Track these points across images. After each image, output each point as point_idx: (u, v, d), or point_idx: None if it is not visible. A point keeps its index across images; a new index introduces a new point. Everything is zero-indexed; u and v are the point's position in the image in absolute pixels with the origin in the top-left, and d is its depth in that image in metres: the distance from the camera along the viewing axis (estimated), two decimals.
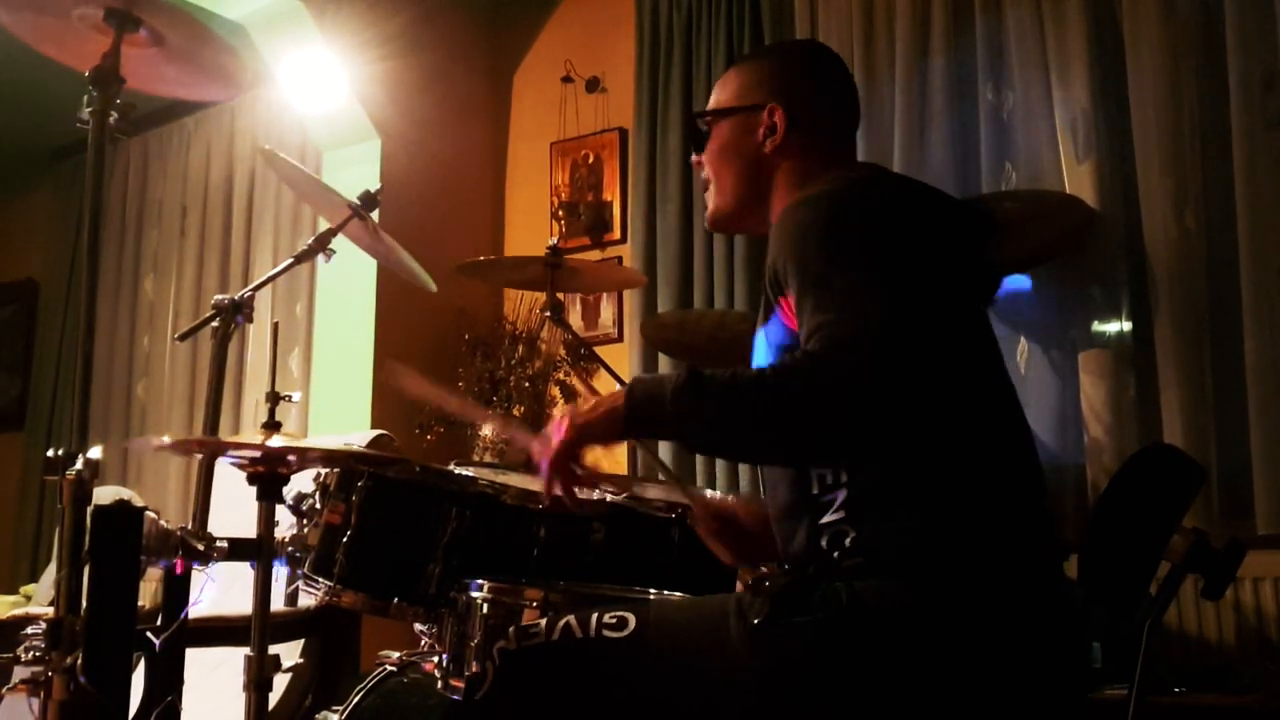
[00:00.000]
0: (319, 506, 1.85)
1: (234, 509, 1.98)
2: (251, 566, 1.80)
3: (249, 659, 1.76)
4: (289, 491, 1.83)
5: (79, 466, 1.55)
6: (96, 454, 1.57)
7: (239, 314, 2.00)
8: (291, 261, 2.15)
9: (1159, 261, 3.01)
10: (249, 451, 1.77)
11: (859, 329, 1.25)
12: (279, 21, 4.03)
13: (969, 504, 1.34)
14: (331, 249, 2.17)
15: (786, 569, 1.45)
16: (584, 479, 1.45)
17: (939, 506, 1.32)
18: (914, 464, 1.33)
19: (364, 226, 2.21)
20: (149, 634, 1.83)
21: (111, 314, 5.35)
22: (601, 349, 3.68)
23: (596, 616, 1.37)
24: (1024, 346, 3.19)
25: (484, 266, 3.10)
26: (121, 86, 1.69)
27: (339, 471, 1.86)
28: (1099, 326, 3.12)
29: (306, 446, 1.81)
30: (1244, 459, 2.84)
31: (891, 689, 1.27)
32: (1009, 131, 3.32)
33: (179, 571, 1.81)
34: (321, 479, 1.88)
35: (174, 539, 1.72)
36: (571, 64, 4.35)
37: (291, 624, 2.62)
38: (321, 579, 1.81)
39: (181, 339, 2.14)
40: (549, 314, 2.60)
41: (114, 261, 5.39)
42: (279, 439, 1.75)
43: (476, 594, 1.61)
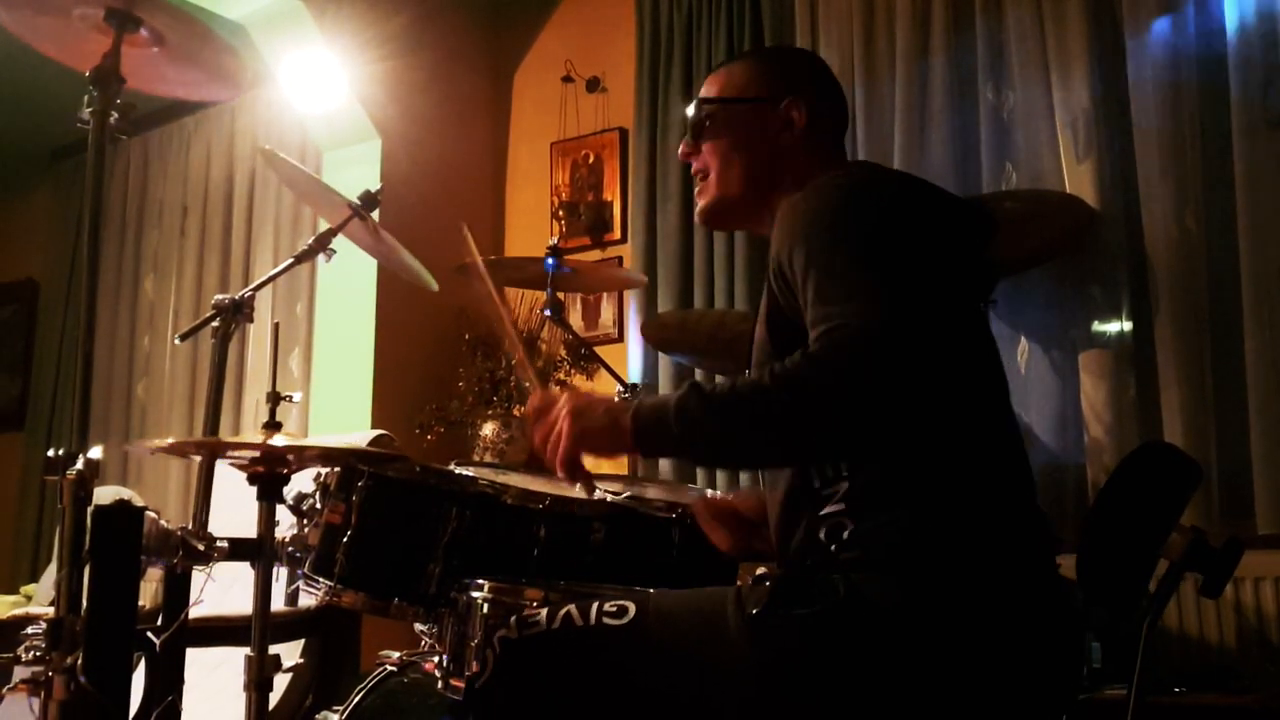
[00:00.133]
0: (319, 506, 1.85)
1: (234, 509, 1.98)
2: (252, 566, 1.80)
3: (249, 659, 1.76)
4: (289, 491, 1.84)
5: (79, 466, 1.55)
6: (97, 454, 1.57)
7: (239, 314, 2.00)
8: (292, 261, 2.15)
9: (1159, 261, 3.01)
10: (248, 451, 1.77)
11: (859, 330, 1.25)
12: (279, 21, 4.03)
13: (966, 499, 1.35)
14: (332, 249, 2.17)
15: (785, 563, 1.45)
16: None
17: (936, 502, 1.33)
18: (913, 459, 1.34)
19: (364, 226, 2.21)
20: (149, 634, 1.84)
21: (112, 314, 5.36)
22: (602, 349, 3.68)
23: (597, 605, 1.37)
24: (1024, 346, 3.20)
25: (484, 266, 3.10)
26: (122, 86, 1.69)
27: (339, 471, 1.86)
28: (1099, 326, 3.12)
29: (306, 445, 1.81)
30: (1244, 459, 2.85)
31: (887, 682, 1.28)
32: (1009, 131, 3.32)
33: (179, 571, 1.81)
34: (322, 479, 1.88)
35: (174, 539, 1.72)
36: (572, 64, 4.35)
37: (292, 624, 2.62)
38: (322, 579, 1.80)
39: (182, 339, 2.14)
40: (549, 314, 2.60)
41: (114, 261, 5.39)
42: (279, 439, 1.75)
43: (477, 594, 1.61)
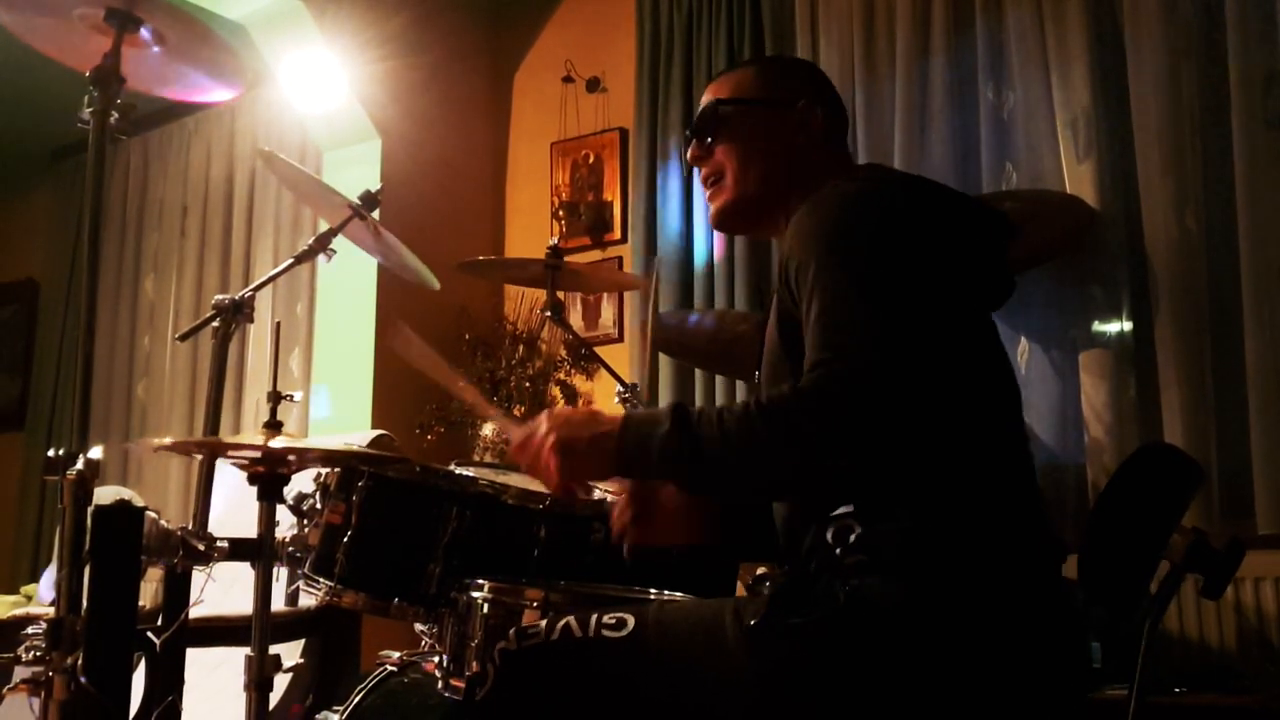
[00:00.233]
0: (319, 506, 1.85)
1: (234, 509, 1.98)
2: (252, 566, 1.80)
3: (249, 659, 1.76)
4: (289, 491, 1.83)
5: (79, 466, 1.55)
6: (97, 454, 1.57)
7: (239, 314, 2.00)
8: (292, 261, 2.15)
9: (1160, 261, 3.01)
10: (249, 452, 1.77)
11: (851, 372, 1.24)
12: (279, 21, 4.03)
13: (972, 507, 1.34)
14: (332, 249, 2.17)
15: (788, 567, 1.45)
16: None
17: (943, 507, 1.32)
18: (925, 465, 1.33)
19: (364, 226, 2.21)
20: (149, 634, 1.83)
21: (112, 314, 5.36)
22: (602, 349, 3.68)
23: (596, 617, 1.37)
24: (1024, 346, 3.19)
25: (485, 266, 3.10)
26: (122, 86, 1.69)
27: (339, 471, 1.86)
28: (1100, 326, 3.12)
29: (306, 447, 1.81)
30: (1244, 459, 2.84)
31: (889, 688, 1.27)
32: (1009, 131, 3.32)
33: (179, 571, 1.81)
34: (322, 479, 1.88)
35: (174, 539, 1.72)
36: (572, 64, 4.35)
37: (292, 624, 2.62)
38: (322, 579, 1.81)
39: (182, 339, 2.14)
40: (549, 314, 2.60)
41: (114, 261, 5.39)
42: (280, 439, 1.75)
43: (477, 594, 1.61)
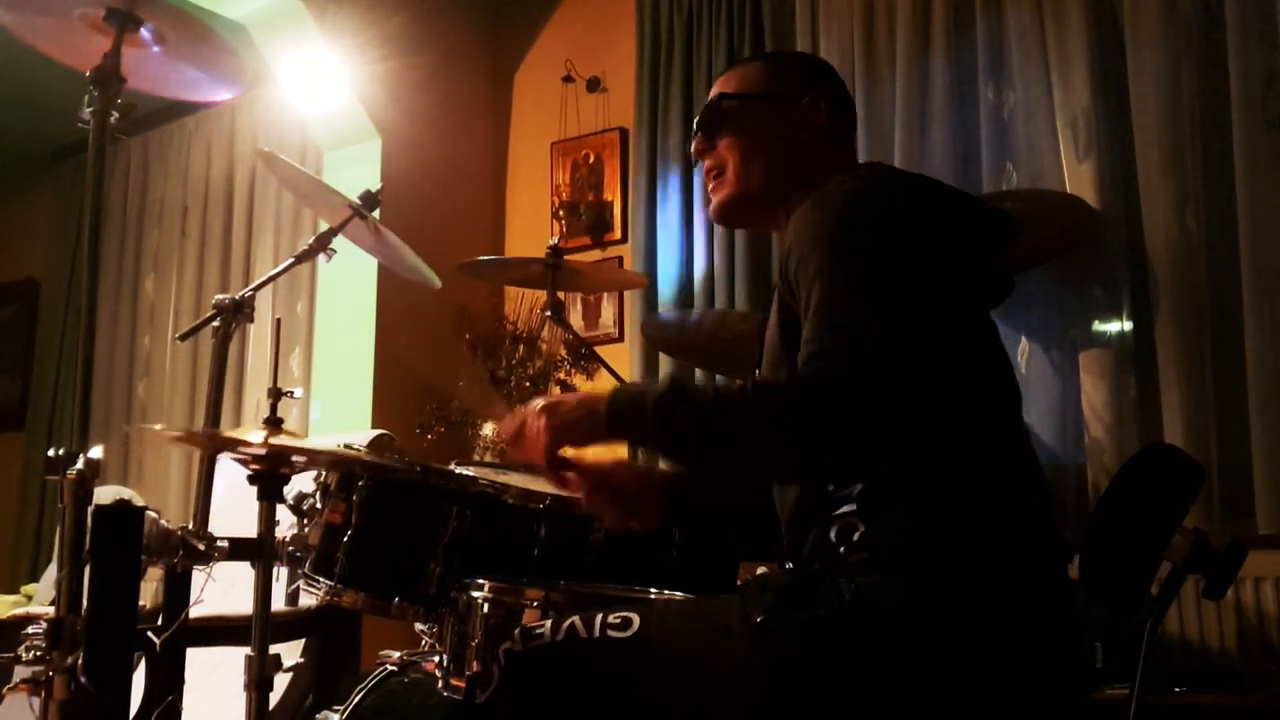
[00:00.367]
0: (319, 506, 1.85)
1: (235, 509, 1.98)
2: (252, 566, 1.80)
3: (249, 658, 1.76)
4: (289, 491, 1.83)
5: (80, 466, 1.55)
6: (97, 454, 1.57)
7: (240, 314, 2.00)
8: (292, 261, 2.15)
9: (1160, 261, 3.01)
10: (251, 449, 1.77)
11: (848, 363, 1.24)
12: (279, 21, 4.03)
13: (976, 504, 1.34)
14: (332, 249, 2.17)
15: (791, 566, 1.45)
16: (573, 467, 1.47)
17: (947, 506, 1.32)
18: (927, 464, 1.33)
19: (365, 226, 2.21)
20: (150, 634, 1.83)
21: (112, 314, 5.36)
22: (602, 349, 3.68)
23: (601, 617, 1.37)
24: (1025, 346, 3.19)
25: (484, 266, 3.10)
26: (122, 86, 1.69)
27: (339, 471, 1.86)
28: (1100, 326, 3.12)
29: (309, 448, 1.81)
30: (1245, 459, 2.84)
31: (893, 686, 1.27)
32: (1009, 131, 3.32)
33: (179, 571, 1.81)
34: (322, 478, 1.88)
35: (174, 539, 1.72)
36: (572, 64, 4.35)
37: (292, 624, 2.62)
38: (322, 578, 1.80)
39: (182, 339, 2.14)
40: (549, 314, 2.60)
41: (115, 261, 5.40)
42: (281, 438, 1.75)
43: (477, 594, 1.61)
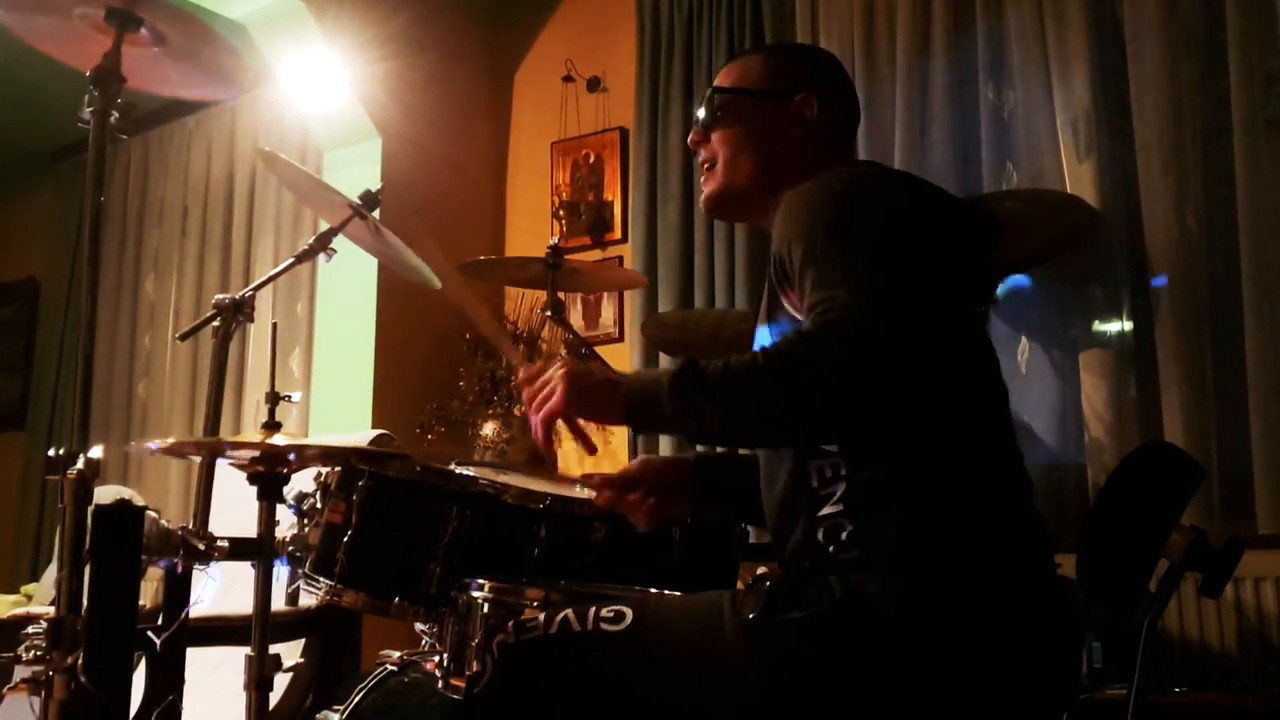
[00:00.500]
0: (320, 506, 1.85)
1: (235, 508, 1.98)
2: (252, 566, 1.80)
3: (249, 658, 1.76)
4: (290, 491, 1.83)
5: (80, 466, 1.55)
6: (97, 454, 1.57)
7: (240, 314, 2.00)
8: (292, 261, 2.15)
9: (1160, 261, 3.01)
10: (248, 451, 1.77)
11: (855, 311, 1.24)
12: (280, 21, 4.04)
13: (964, 501, 1.34)
14: (332, 248, 2.17)
15: (781, 565, 1.45)
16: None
17: (934, 503, 1.33)
18: (911, 459, 1.34)
19: (365, 226, 2.21)
20: (150, 633, 1.84)
21: (112, 313, 5.36)
22: (602, 348, 3.68)
23: (594, 610, 1.37)
24: (1025, 346, 3.20)
25: (485, 266, 3.10)
26: (122, 86, 1.69)
27: (340, 471, 1.86)
28: (1100, 326, 3.12)
29: (305, 444, 1.81)
30: (1245, 458, 2.85)
31: (885, 684, 1.28)
32: (1010, 131, 3.32)
33: (179, 571, 1.81)
34: (322, 478, 1.88)
35: (175, 538, 1.72)
36: (572, 63, 4.35)
37: (292, 623, 2.62)
38: (322, 578, 1.80)
39: (182, 339, 2.14)
40: (550, 313, 2.60)
41: (115, 261, 5.40)
42: (279, 438, 1.75)
43: (477, 593, 1.61)
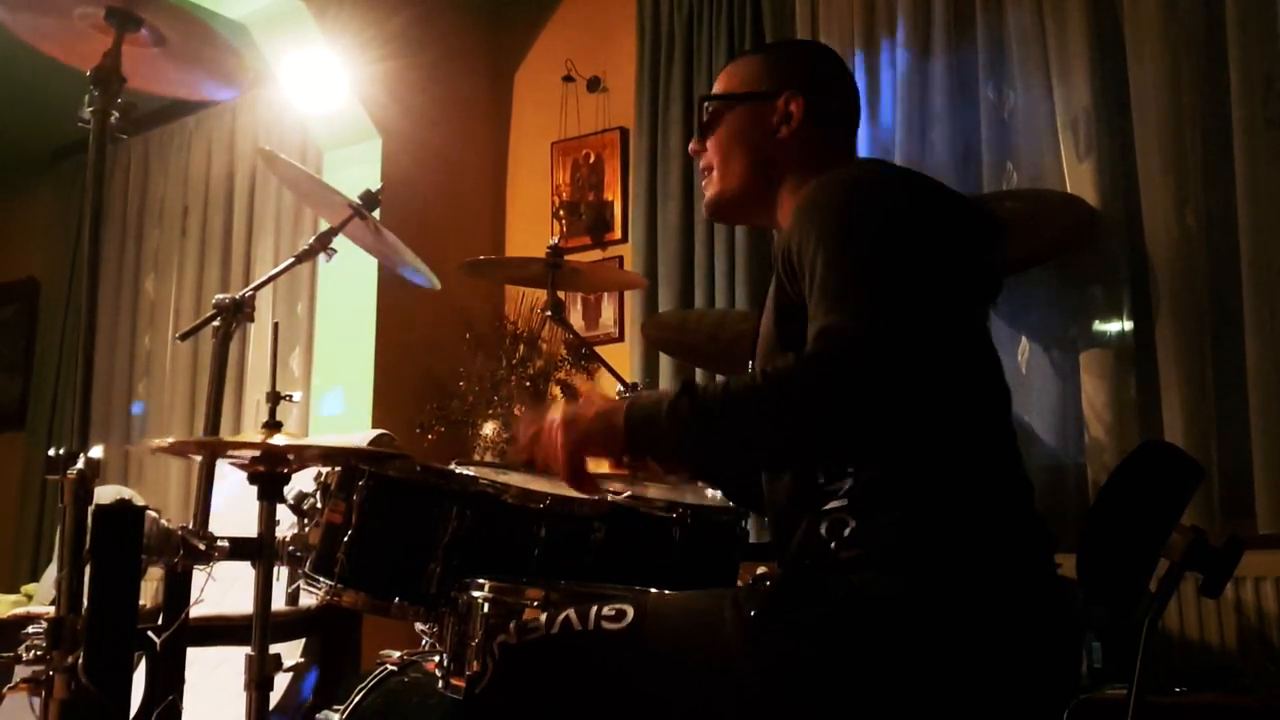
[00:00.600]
0: (320, 506, 1.85)
1: (235, 508, 1.98)
2: (252, 566, 1.80)
3: (250, 658, 1.76)
4: (290, 491, 1.83)
5: (80, 466, 1.55)
6: (97, 453, 1.57)
7: (240, 314, 2.00)
8: (292, 261, 2.15)
9: (1160, 260, 3.01)
10: (248, 451, 1.77)
11: (855, 336, 1.24)
12: (280, 21, 4.04)
13: (966, 500, 1.35)
14: (332, 248, 2.17)
15: (783, 562, 1.45)
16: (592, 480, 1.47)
17: (937, 501, 1.33)
18: (916, 459, 1.34)
19: (365, 226, 2.21)
20: (150, 633, 1.84)
21: (112, 313, 5.36)
22: (602, 348, 3.68)
23: (595, 609, 1.37)
24: (1025, 346, 3.20)
25: (485, 266, 3.10)
26: (122, 86, 1.69)
27: (340, 470, 1.86)
28: (1100, 326, 3.12)
29: (306, 445, 1.81)
30: (1245, 458, 2.85)
31: (886, 683, 1.28)
32: (1010, 130, 3.32)
33: (179, 571, 1.81)
34: (322, 478, 1.88)
35: (175, 538, 1.72)
36: (572, 63, 4.35)
37: (292, 623, 2.62)
38: (322, 578, 1.80)
39: (182, 338, 2.14)
40: (550, 313, 2.60)
41: (115, 261, 5.40)
42: (279, 438, 1.75)
43: (477, 593, 1.61)
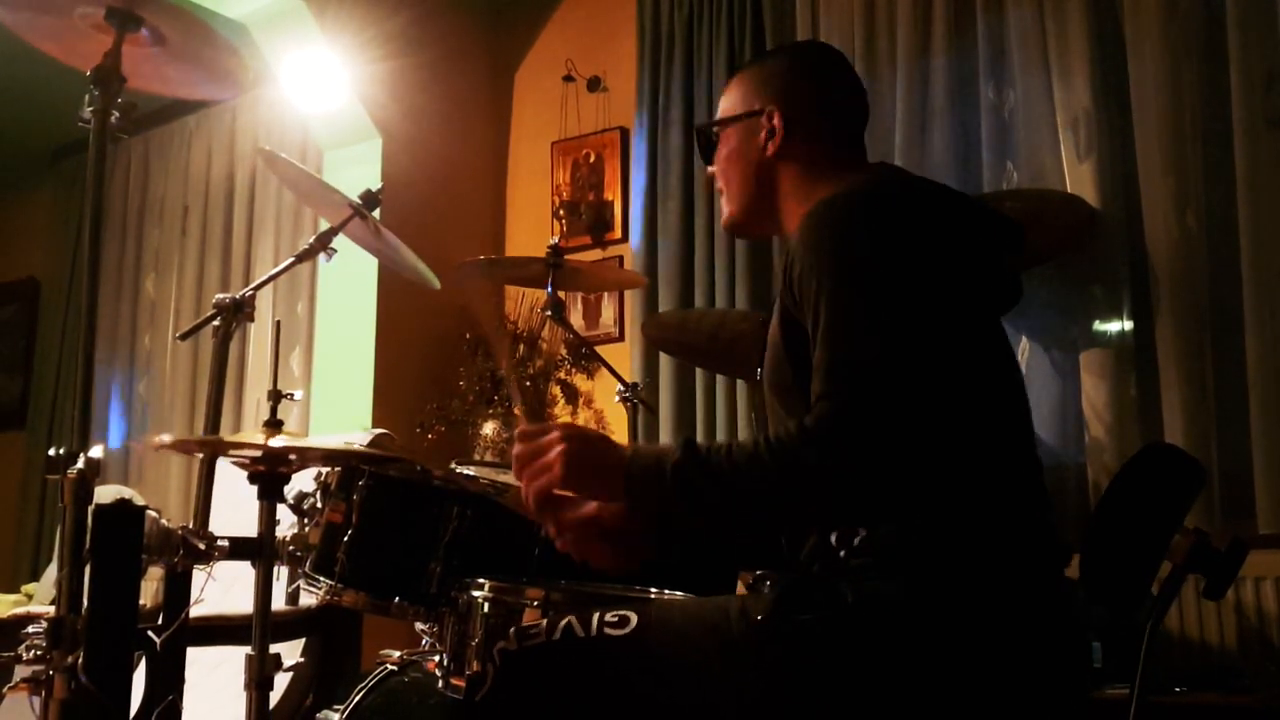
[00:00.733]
0: (320, 505, 1.85)
1: (235, 508, 1.98)
2: (253, 566, 1.80)
3: (250, 658, 1.75)
4: (290, 490, 1.83)
5: (80, 465, 1.55)
6: (98, 453, 1.57)
7: (240, 313, 2.00)
8: (293, 260, 2.15)
9: (1160, 261, 3.01)
10: (250, 451, 1.77)
11: (858, 405, 1.22)
12: (280, 21, 4.04)
13: (978, 509, 1.33)
14: (333, 248, 2.17)
15: (791, 568, 1.45)
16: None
17: (948, 510, 1.32)
18: (928, 470, 1.32)
19: (365, 225, 2.21)
20: (150, 633, 1.83)
21: (113, 313, 5.36)
22: (602, 348, 3.68)
23: (598, 616, 1.36)
24: (1025, 346, 3.20)
25: (485, 266, 3.10)
26: (123, 85, 1.69)
27: (340, 470, 1.86)
28: (1100, 326, 3.12)
29: (307, 445, 1.81)
30: (1245, 458, 2.84)
31: (893, 689, 1.27)
32: (1010, 131, 3.32)
33: (179, 570, 1.80)
34: (323, 478, 1.88)
35: (175, 538, 1.72)
36: (572, 63, 4.35)
37: (292, 623, 2.61)
38: (323, 578, 1.81)
39: (183, 338, 2.14)
40: (550, 313, 2.60)
41: (115, 260, 5.39)
42: (281, 438, 1.74)
43: (477, 593, 1.61)
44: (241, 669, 1.76)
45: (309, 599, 1.90)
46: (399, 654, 2.08)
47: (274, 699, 1.82)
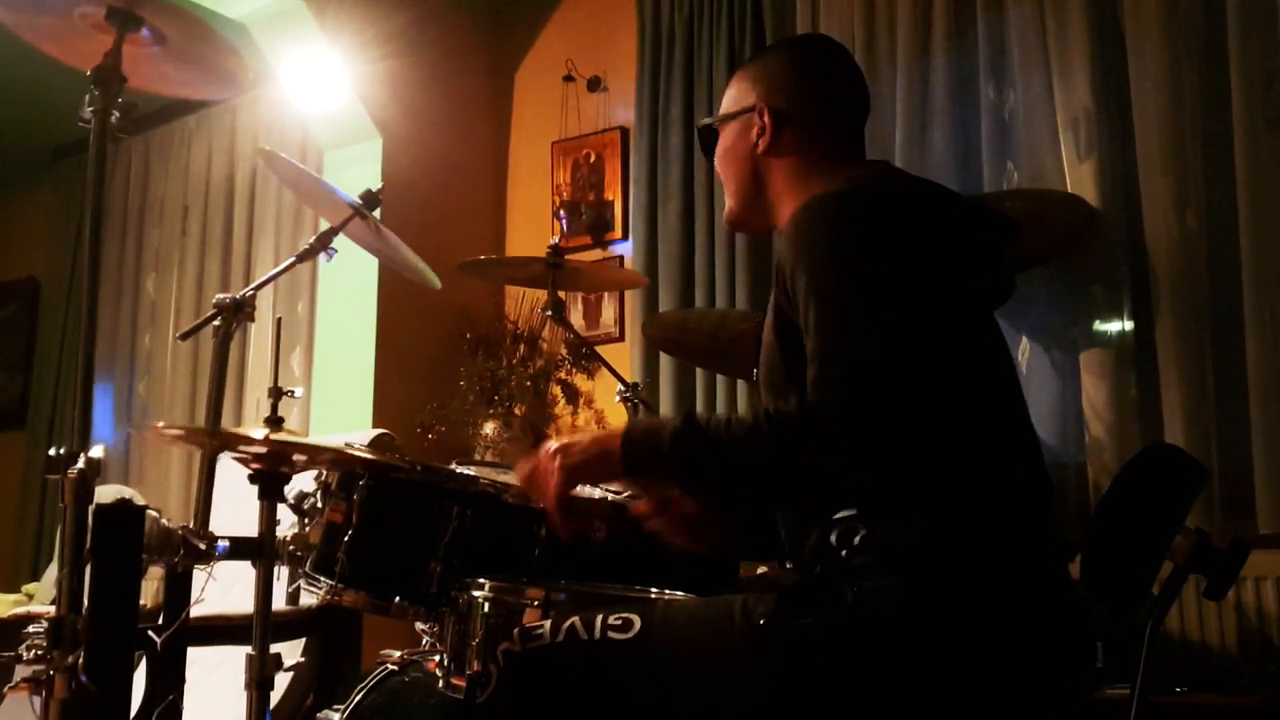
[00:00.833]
0: (320, 505, 1.85)
1: (235, 508, 1.98)
2: (253, 565, 1.80)
3: (250, 658, 1.76)
4: (290, 490, 1.83)
5: (80, 465, 1.55)
6: (98, 453, 1.57)
7: (240, 313, 2.00)
8: (293, 260, 2.15)
9: (1160, 261, 3.01)
10: (253, 447, 1.77)
11: (854, 382, 1.24)
12: (280, 20, 4.04)
13: (978, 507, 1.34)
14: (333, 248, 2.17)
15: (792, 568, 1.45)
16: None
17: (949, 509, 1.32)
18: (928, 467, 1.32)
19: (365, 225, 2.21)
20: (150, 633, 1.83)
21: (113, 313, 5.36)
22: (603, 348, 3.68)
23: (601, 618, 1.36)
24: (1025, 345, 3.20)
25: (485, 266, 3.10)
26: (123, 85, 1.69)
27: (340, 470, 1.85)
28: (1100, 326, 3.12)
29: (311, 445, 1.81)
30: (1245, 458, 2.84)
31: (897, 690, 1.27)
32: (1010, 130, 3.32)
33: (180, 570, 1.80)
34: (323, 477, 1.88)
35: (175, 538, 1.72)
36: (573, 63, 4.35)
37: (293, 623, 2.61)
38: (323, 578, 1.80)
39: (183, 338, 2.14)
40: (550, 313, 2.60)
41: (115, 260, 5.40)
42: (283, 436, 1.74)
43: (478, 593, 1.61)
44: (242, 669, 1.76)
45: (309, 599, 1.89)
46: (399, 654, 2.08)
47: (274, 699, 1.82)
